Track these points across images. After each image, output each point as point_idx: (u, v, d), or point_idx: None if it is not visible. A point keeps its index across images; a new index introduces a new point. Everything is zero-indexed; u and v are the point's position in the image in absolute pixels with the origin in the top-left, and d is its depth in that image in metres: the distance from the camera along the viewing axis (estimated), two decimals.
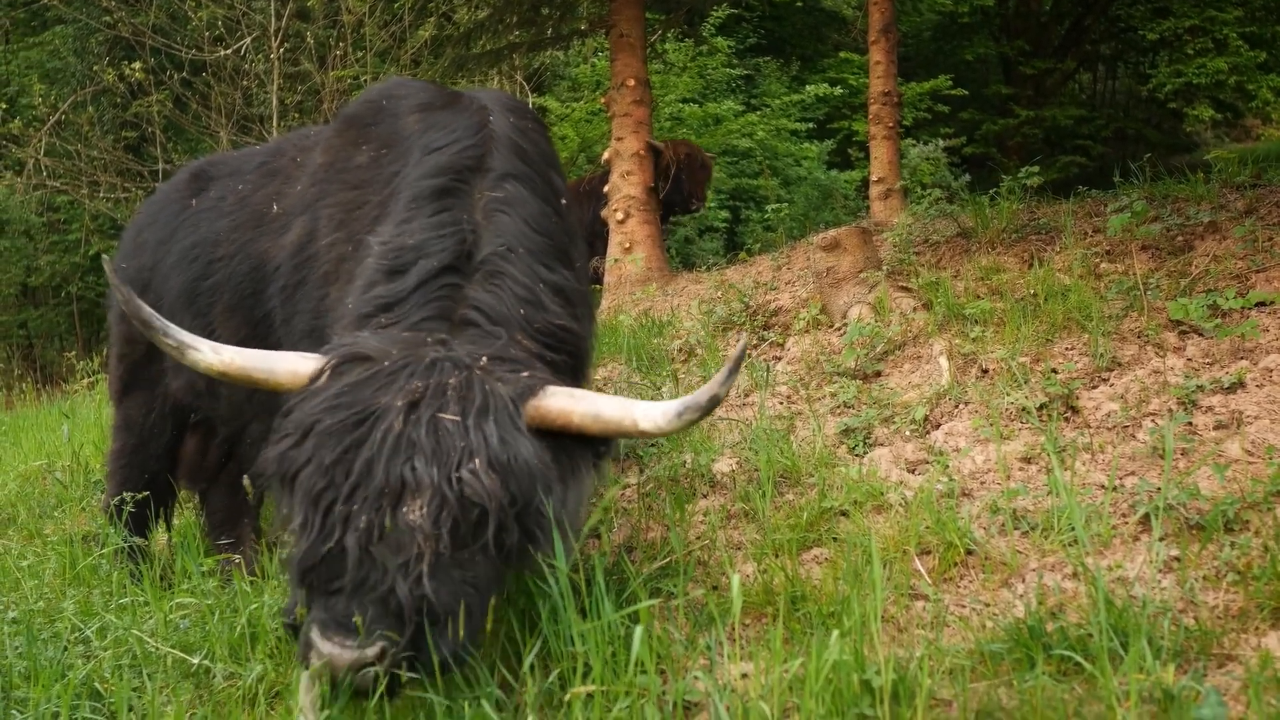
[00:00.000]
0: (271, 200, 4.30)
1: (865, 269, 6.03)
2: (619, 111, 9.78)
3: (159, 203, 5.04)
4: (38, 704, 2.97)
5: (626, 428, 2.90)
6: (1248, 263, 4.88)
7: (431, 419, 2.67)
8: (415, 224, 3.33)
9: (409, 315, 3.09)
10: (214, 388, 4.51)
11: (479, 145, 3.57)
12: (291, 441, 2.74)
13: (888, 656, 2.53)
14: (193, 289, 4.51)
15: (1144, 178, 6.72)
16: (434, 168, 3.49)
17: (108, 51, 17.54)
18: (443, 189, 3.41)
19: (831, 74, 18.13)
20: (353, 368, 2.84)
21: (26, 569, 4.41)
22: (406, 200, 3.44)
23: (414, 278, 3.16)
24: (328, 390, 2.80)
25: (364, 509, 2.59)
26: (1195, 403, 4.06)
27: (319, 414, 2.73)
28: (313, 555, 2.60)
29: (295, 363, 2.93)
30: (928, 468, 4.30)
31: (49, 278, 17.43)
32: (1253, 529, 3.20)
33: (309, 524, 2.63)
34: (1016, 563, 3.37)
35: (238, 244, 4.35)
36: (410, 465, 2.61)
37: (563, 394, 2.88)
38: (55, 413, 9.85)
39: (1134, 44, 20.84)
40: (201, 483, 5.27)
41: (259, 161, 4.65)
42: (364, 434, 2.66)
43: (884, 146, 9.42)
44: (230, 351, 2.95)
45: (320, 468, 2.65)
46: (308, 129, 4.82)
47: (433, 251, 3.21)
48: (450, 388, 2.74)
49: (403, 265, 3.21)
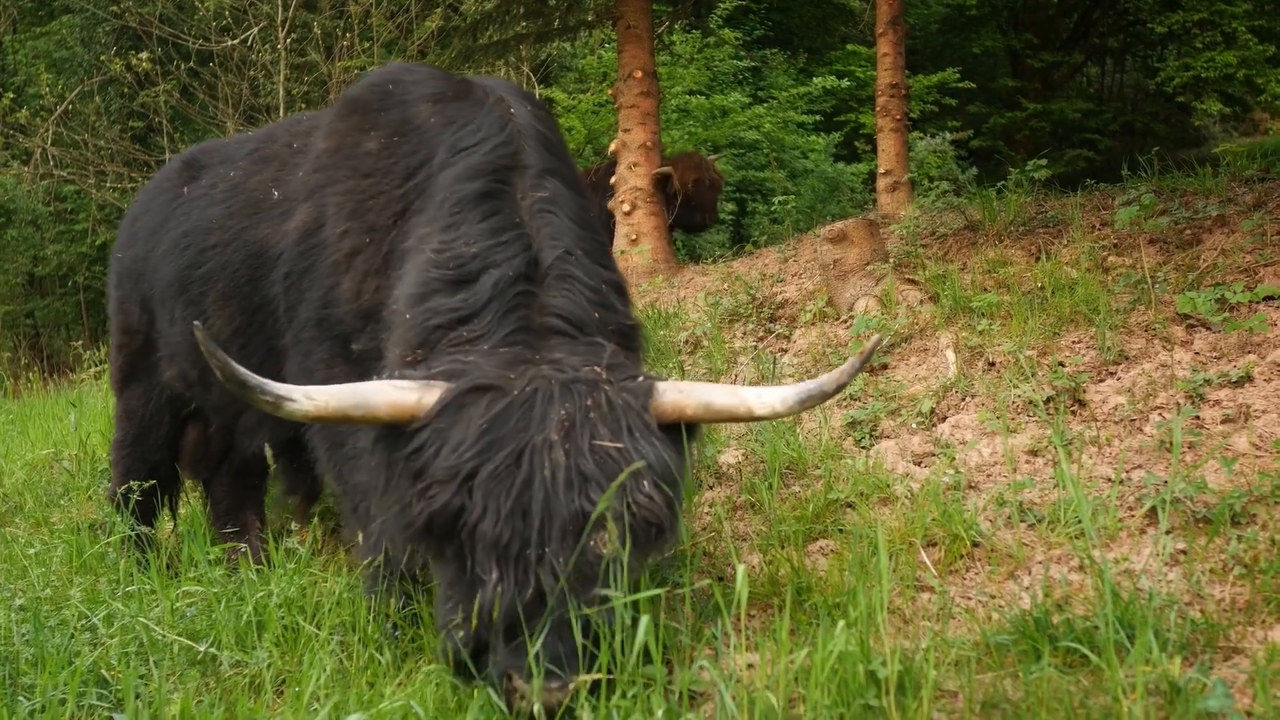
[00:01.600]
0: (269, 187, 4.25)
1: (872, 261, 6.02)
2: (626, 103, 9.77)
3: (152, 192, 5.01)
4: (45, 691, 2.97)
5: (740, 414, 2.98)
6: (1256, 256, 4.87)
7: (590, 446, 2.69)
8: (467, 230, 3.27)
9: (492, 329, 3.05)
10: (206, 378, 4.48)
11: (510, 141, 3.53)
12: (451, 492, 2.67)
13: (893, 648, 2.53)
14: (185, 278, 4.46)
15: (1152, 171, 6.71)
16: (471, 169, 3.44)
17: (115, 41, 17.53)
18: (486, 192, 3.37)
19: (839, 66, 18.06)
20: (479, 398, 2.78)
21: (34, 557, 4.42)
22: (449, 205, 3.38)
23: (487, 288, 3.10)
24: (464, 428, 2.73)
25: (555, 550, 2.62)
26: (1203, 396, 4.06)
27: (471, 459, 2.68)
28: (513, 606, 2.61)
29: (392, 394, 2.82)
30: (934, 460, 4.29)
31: (56, 267, 17.42)
32: (1260, 523, 3.20)
33: (502, 576, 2.63)
34: (1023, 555, 3.37)
35: (232, 231, 4.30)
36: (587, 498, 2.64)
37: (671, 389, 2.92)
38: (62, 402, 9.87)
39: (1142, 37, 20.76)
40: (204, 472, 5.27)
41: (251, 148, 4.59)
42: (530, 473, 2.66)
43: (891, 139, 9.41)
44: (322, 395, 2.82)
45: (500, 516, 2.63)
46: (301, 115, 4.78)
47: (500, 260, 3.16)
48: (591, 409, 2.75)
49: (469, 275, 3.15)
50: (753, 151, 15.41)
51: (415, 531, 2.75)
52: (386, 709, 2.67)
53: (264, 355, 4.18)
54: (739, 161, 15.21)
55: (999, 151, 18.56)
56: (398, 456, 2.84)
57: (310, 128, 4.35)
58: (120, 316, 5.00)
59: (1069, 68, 20.99)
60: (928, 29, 21.28)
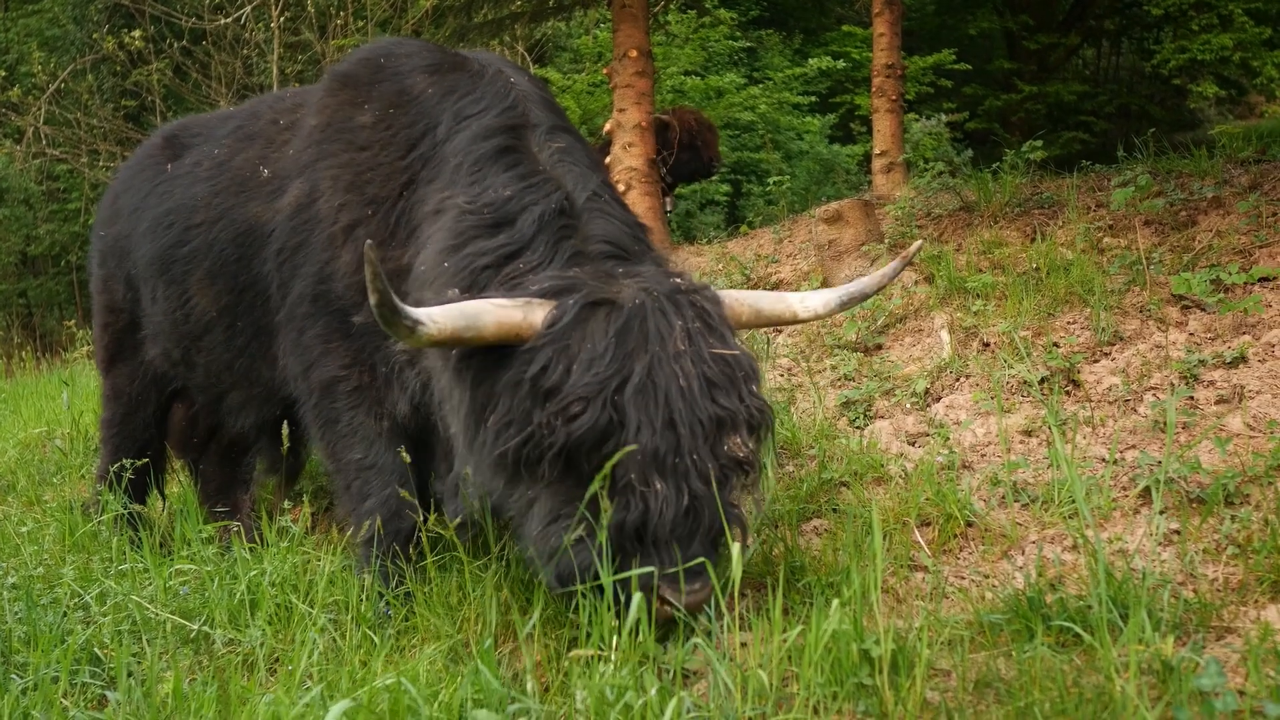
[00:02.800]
0: (257, 164, 4.19)
1: (867, 242, 6.01)
2: (621, 83, 9.72)
3: (134, 168, 4.94)
4: (37, 669, 2.97)
5: (786, 318, 3.26)
6: (1251, 238, 4.86)
7: (710, 354, 2.81)
8: (493, 180, 3.31)
9: (546, 258, 3.07)
10: (189, 357, 4.45)
11: (516, 104, 3.56)
12: (600, 408, 2.71)
13: (887, 627, 2.53)
14: (168, 256, 4.41)
15: (1147, 153, 6.69)
16: (484, 130, 3.46)
17: (107, 19, 17.42)
18: (504, 147, 3.40)
19: (834, 47, 17.98)
20: (595, 312, 2.81)
21: (26, 535, 4.42)
22: (468, 165, 3.39)
23: (530, 224, 3.14)
24: (592, 343, 2.77)
25: (703, 456, 2.75)
26: (1197, 377, 4.06)
27: (613, 373, 2.73)
28: (667, 515, 2.70)
29: (498, 313, 2.82)
30: (928, 440, 4.29)
31: (49, 247, 17.36)
32: (1253, 503, 3.20)
33: (662, 487, 2.71)
34: (1016, 535, 3.37)
35: (219, 209, 4.24)
36: (719, 404, 2.79)
37: (729, 296, 3.09)
38: (55, 381, 9.85)
39: (1138, 19, 20.68)
40: (192, 451, 5.24)
41: (235, 125, 4.53)
42: (668, 383, 2.74)
43: (887, 120, 9.36)
44: (442, 317, 2.79)
45: (656, 428, 2.70)
46: (285, 91, 4.72)
47: (535, 199, 3.20)
48: (694, 318, 2.86)
49: (507, 216, 3.18)
50: (748, 132, 15.37)
51: (550, 454, 2.75)
52: (378, 687, 2.67)
53: (252, 335, 4.15)
54: (734, 142, 15.17)
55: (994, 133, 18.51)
56: (509, 380, 2.84)
57: (296, 104, 4.31)
58: (104, 295, 4.95)
59: (1065, 50, 20.92)
60: (924, 10, 21.20)
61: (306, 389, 3.85)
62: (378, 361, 3.68)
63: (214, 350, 4.33)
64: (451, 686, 2.66)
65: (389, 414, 3.71)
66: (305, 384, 3.85)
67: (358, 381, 3.72)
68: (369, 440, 3.73)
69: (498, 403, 2.87)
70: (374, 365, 3.68)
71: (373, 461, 3.72)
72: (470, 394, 2.95)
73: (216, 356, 4.33)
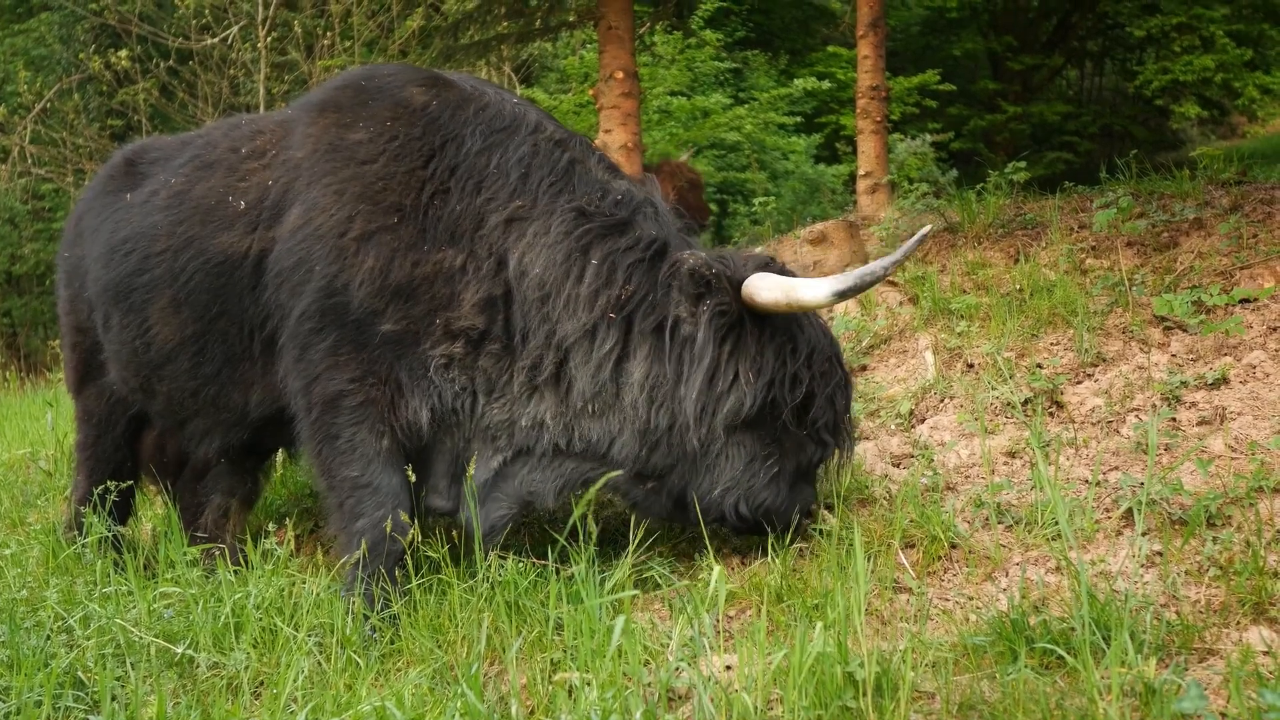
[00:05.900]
0: (223, 195, 4.11)
1: (852, 263, 6.04)
2: (607, 104, 9.75)
3: (95, 190, 4.82)
4: (20, 693, 2.96)
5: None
6: (1232, 259, 4.89)
7: None
8: (584, 191, 3.77)
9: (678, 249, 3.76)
10: (148, 385, 4.38)
11: (541, 121, 3.91)
12: (843, 370, 3.68)
13: (871, 649, 2.54)
14: (127, 284, 4.30)
15: (1130, 174, 6.73)
16: (547, 143, 3.84)
17: (94, 39, 17.44)
18: (573, 159, 3.84)
19: (820, 68, 18.08)
20: None
21: (10, 557, 4.40)
22: (548, 179, 3.76)
23: (649, 224, 3.79)
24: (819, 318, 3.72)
25: None
26: (1179, 398, 4.08)
27: (829, 340, 3.70)
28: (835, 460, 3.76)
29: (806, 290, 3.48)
30: (913, 461, 4.31)
31: (33, 266, 17.31)
32: (1235, 524, 3.22)
33: (852, 434, 3.79)
34: (1000, 556, 3.38)
35: (182, 239, 4.14)
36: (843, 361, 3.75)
37: None
38: (39, 401, 9.80)
39: (1121, 41, 20.87)
40: (166, 475, 5.13)
41: (191, 154, 4.42)
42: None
43: (872, 141, 9.41)
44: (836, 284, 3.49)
45: (846, 382, 3.71)
46: (237, 118, 4.61)
47: (637, 202, 3.83)
48: None
49: (624, 219, 3.74)
50: (734, 153, 15.44)
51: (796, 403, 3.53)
52: (364, 710, 2.67)
53: (223, 362, 4.12)
54: (720, 163, 15.23)
55: (979, 153, 18.62)
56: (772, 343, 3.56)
57: (254, 131, 4.27)
58: (71, 315, 4.85)
59: (1049, 71, 21.09)
60: (908, 31, 21.34)
61: (306, 404, 3.81)
62: (400, 369, 3.69)
63: (177, 379, 4.26)
64: (437, 710, 2.66)
65: (391, 431, 3.70)
66: (305, 399, 3.81)
67: (365, 396, 3.70)
68: (367, 458, 3.71)
69: (764, 362, 3.52)
70: (389, 376, 3.69)
71: (368, 480, 3.71)
72: (734, 351, 3.54)
73: (180, 385, 4.26)
